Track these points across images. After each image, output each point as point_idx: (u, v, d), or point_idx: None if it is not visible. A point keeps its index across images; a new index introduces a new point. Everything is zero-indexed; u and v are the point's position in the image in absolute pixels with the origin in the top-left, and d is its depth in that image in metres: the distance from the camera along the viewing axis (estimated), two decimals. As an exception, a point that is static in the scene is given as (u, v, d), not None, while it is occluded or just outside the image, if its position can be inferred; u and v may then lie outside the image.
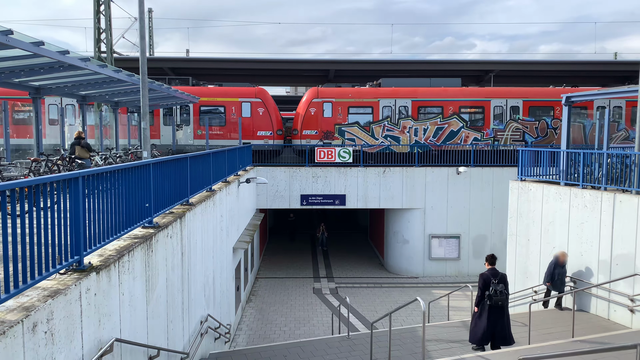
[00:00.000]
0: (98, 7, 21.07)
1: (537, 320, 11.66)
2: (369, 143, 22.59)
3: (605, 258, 11.74)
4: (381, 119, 22.66)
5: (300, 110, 23.00)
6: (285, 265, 23.80)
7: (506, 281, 8.65)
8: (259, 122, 22.55)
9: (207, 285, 10.97)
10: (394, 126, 22.72)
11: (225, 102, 22.53)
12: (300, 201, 21.78)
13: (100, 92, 14.53)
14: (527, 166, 14.93)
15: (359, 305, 18.13)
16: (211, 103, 22.55)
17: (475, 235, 22.13)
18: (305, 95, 23.47)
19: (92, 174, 5.31)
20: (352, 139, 22.64)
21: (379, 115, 22.67)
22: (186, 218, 8.87)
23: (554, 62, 31.85)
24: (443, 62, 31.59)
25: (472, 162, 22.01)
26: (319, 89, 23.06)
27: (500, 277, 8.62)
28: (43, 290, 4.37)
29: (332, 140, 22.58)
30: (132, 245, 6.23)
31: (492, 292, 8.46)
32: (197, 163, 10.41)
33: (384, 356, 10.13)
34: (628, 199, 11.13)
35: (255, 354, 11.14)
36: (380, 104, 22.65)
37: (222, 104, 22.54)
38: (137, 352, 6.32)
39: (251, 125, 22.52)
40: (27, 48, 7.73)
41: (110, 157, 13.96)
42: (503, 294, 8.41)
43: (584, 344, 8.99)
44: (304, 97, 23.35)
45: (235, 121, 22.39)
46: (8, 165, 10.16)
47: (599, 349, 5.52)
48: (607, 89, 14.79)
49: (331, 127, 22.62)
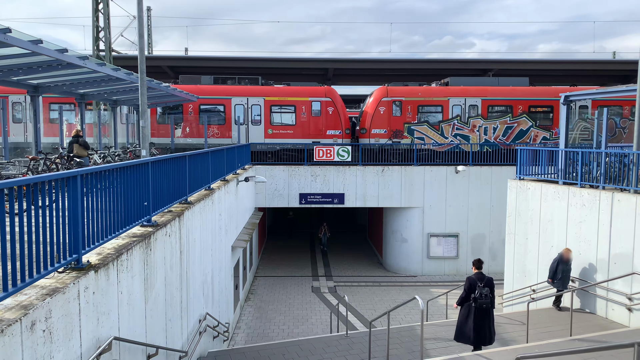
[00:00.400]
0: (97, 6, 21.02)
1: (535, 319, 11.69)
2: (438, 142, 22.69)
3: (604, 257, 11.76)
4: (451, 117, 22.78)
5: (368, 109, 22.97)
6: (283, 264, 23.81)
7: (492, 285, 8.83)
8: (329, 121, 22.72)
9: (205, 283, 10.98)
10: (463, 125, 22.86)
11: (296, 101, 22.68)
12: (299, 200, 21.78)
13: (98, 90, 14.51)
14: (525, 165, 14.94)
15: (358, 304, 18.16)
16: (281, 102, 22.74)
17: (473, 234, 22.16)
18: (373, 94, 23.42)
19: (90, 172, 5.30)
20: (422, 137, 22.75)
21: (449, 114, 22.78)
22: (185, 217, 8.87)
23: (553, 61, 31.87)
24: (441, 60, 31.59)
25: (470, 161, 22.02)
26: (387, 87, 23.08)
27: (486, 280, 8.82)
28: (41, 288, 4.37)
29: (401, 140, 22.63)
30: (131, 243, 6.23)
31: (477, 295, 8.67)
32: (195, 162, 10.40)
33: (382, 355, 10.14)
34: (626, 198, 11.16)
35: (254, 353, 11.15)
36: (450, 103, 22.75)
37: (293, 103, 22.69)
38: (136, 350, 6.32)
39: (321, 125, 22.74)
40: (25, 46, 7.72)
41: (108, 155, 13.94)
42: (488, 297, 8.64)
43: (582, 342, 9.01)
44: (372, 96, 23.31)
45: (305, 120, 22.61)
46: (6, 164, 10.14)
47: (597, 347, 5.54)
48: (607, 89, 14.80)
49: (400, 126, 22.66)
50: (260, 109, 22.60)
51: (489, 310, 8.79)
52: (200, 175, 11.02)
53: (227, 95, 22.59)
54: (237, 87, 23.10)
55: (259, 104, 22.55)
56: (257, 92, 22.73)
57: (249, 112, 22.58)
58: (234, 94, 22.60)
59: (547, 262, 13.77)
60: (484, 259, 22.05)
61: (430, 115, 22.84)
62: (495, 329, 10.32)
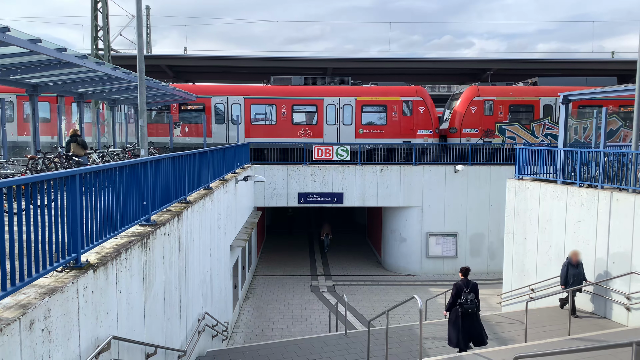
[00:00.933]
0: (95, 5, 20.99)
1: (534, 318, 11.71)
2: (528, 141, 22.76)
3: (602, 256, 11.78)
4: (541, 117, 22.86)
5: (459, 109, 23.01)
6: (282, 263, 23.81)
7: (477, 290, 9.31)
8: (420, 121, 22.75)
9: (204, 283, 10.97)
10: (554, 125, 22.88)
11: (387, 101, 22.72)
12: (298, 199, 21.77)
13: (97, 89, 14.48)
14: (524, 164, 14.96)
15: (357, 303, 18.16)
16: (372, 102, 22.81)
17: (472, 234, 22.18)
18: (463, 94, 23.43)
19: (89, 171, 5.30)
20: (512, 137, 22.82)
21: (539, 114, 22.87)
22: (184, 216, 8.87)
23: (552, 61, 31.90)
24: (440, 60, 31.57)
25: (469, 161, 22.04)
26: (479, 87, 23.18)
27: (472, 286, 9.27)
28: (40, 287, 4.37)
29: (492, 139, 22.71)
30: (130, 243, 6.22)
31: (463, 301, 9.11)
32: (194, 161, 10.40)
33: (381, 354, 10.15)
34: (625, 198, 11.17)
35: (253, 352, 11.15)
36: (541, 103, 22.83)
37: (384, 103, 22.74)
38: (135, 350, 6.32)
39: (412, 124, 22.77)
40: (24, 45, 7.70)
41: (107, 154, 13.92)
42: (473, 302, 9.12)
43: (581, 342, 9.03)
44: (462, 96, 23.33)
45: (396, 120, 22.66)
46: (5, 163, 10.13)
47: (596, 346, 5.55)
48: (606, 88, 14.82)
49: (492, 126, 22.73)
50: (352, 109, 22.73)
51: (475, 314, 9.22)
52: (200, 174, 11.01)
53: (319, 95, 22.74)
54: (329, 87, 23.25)
55: (350, 104, 22.69)
56: (349, 92, 22.90)
57: (340, 112, 22.70)
58: (325, 95, 22.75)
59: (545, 261, 13.79)
60: (482, 258, 22.37)
61: (521, 114, 22.99)
62: (495, 329, 10.33)
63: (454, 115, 23.32)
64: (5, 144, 11.22)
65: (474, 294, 9.18)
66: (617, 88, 14.33)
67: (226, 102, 22.28)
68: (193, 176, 10.30)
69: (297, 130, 22.54)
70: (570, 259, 11.60)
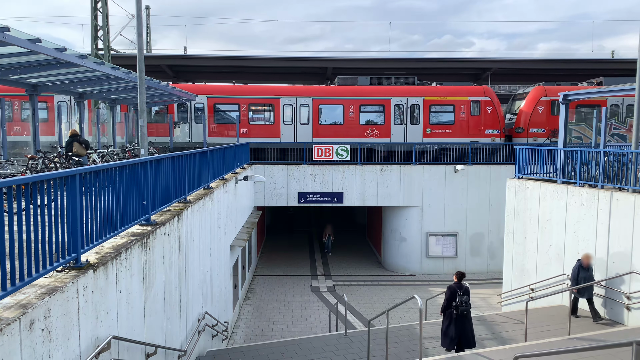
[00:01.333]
0: (95, 4, 20.99)
1: (534, 318, 11.71)
2: None
3: (602, 256, 11.78)
4: (608, 117, 22.83)
5: (525, 109, 23.04)
6: (282, 263, 23.81)
7: (469, 293, 9.65)
8: (487, 121, 22.78)
9: (204, 282, 10.98)
10: (620, 124, 22.97)
11: (455, 100, 22.76)
12: (298, 199, 21.77)
13: (97, 89, 14.48)
14: (524, 164, 14.97)
15: (357, 303, 18.16)
16: (440, 102, 22.84)
17: (472, 233, 22.17)
18: (530, 94, 23.47)
19: (89, 171, 5.30)
20: (579, 137, 22.81)
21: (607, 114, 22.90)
22: (184, 216, 8.87)
23: (552, 60, 31.88)
24: (440, 59, 31.56)
25: (469, 160, 22.04)
26: (545, 87, 23.18)
27: (465, 289, 9.59)
28: (40, 287, 4.37)
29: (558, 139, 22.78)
30: (130, 242, 6.22)
31: (458, 303, 9.39)
32: (194, 161, 10.40)
33: (381, 354, 10.16)
34: (625, 197, 11.17)
35: (253, 352, 11.15)
36: (608, 103, 22.81)
37: (452, 103, 22.78)
38: (135, 349, 6.32)
39: (479, 124, 22.83)
40: (24, 45, 7.70)
41: (107, 154, 13.92)
42: (467, 304, 9.43)
43: (581, 341, 9.03)
44: (528, 96, 23.36)
45: (464, 119, 22.70)
46: (5, 163, 10.12)
47: (595, 346, 5.55)
48: (605, 88, 14.82)
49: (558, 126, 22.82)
50: (419, 108, 22.80)
51: (468, 315, 9.51)
52: (200, 174, 11.01)
53: (387, 95, 22.82)
54: (397, 87, 23.29)
55: (418, 103, 22.75)
56: (416, 92, 22.97)
57: (407, 112, 22.78)
58: (393, 94, 22.82)
59: (545, 261, 13.80)
60: (482, 258, 22.38)
61: (587, 114, 22.96)
62: (494, 328, 10.33)
63: (519, 115, 23.36)
64: (5, 144, 11.22)
65: (467, 297, 9.49)
66: (617, 88, 14.33)
67: (295, 102, 22.49)
68: (193, 176, 10.30)
69: (365, 131, 22.71)
70: (581, 261, 11.36)
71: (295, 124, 22.37)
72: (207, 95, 22.49)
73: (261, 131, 22.55)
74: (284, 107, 22.45)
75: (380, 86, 23.34)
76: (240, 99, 22.49)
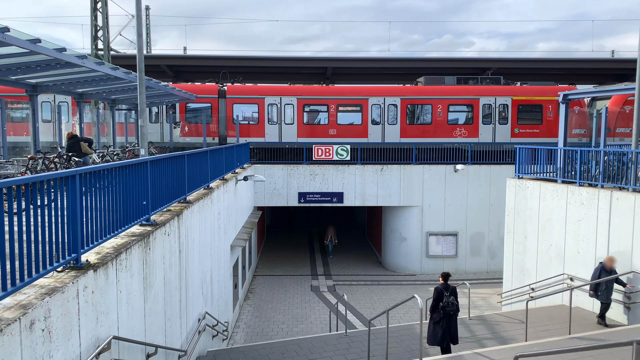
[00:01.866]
0: (95, 5, 20.98)
1: (534, 318, 11.71)
2: None
3: (602, 255, 11.78)
4: None
5: (613, 108, 22.87)
6: (283, 263, 23.81)
7: (456, 294, 9.94)
8: (575, 120, 22.80)
9: (204, 282, 10.98)
10: None
11: (543, 100, 22.86)
12: (298, 199, 21.76)
13: (97, 89, 14.47)
14: (524, 164, 14.96)
15: (357, 303, 18.16)
16: (528, 102, 22.97)
17: (472, 233, 22.17)
18: None
19: (89, 171, 5.30)
20: None
21: None
22: (184, 216, 8.87)
23: (552, 60, 31.88)
24: (440, 59, 31.57)
25: (469, 160, 22.03)
26: None
27: (451, 290, 9.87)
28: (40, 288, 4.37)
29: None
30: (130, 243, 6.22)
31: (445, 304, 9.65)
32: (194, 161, 10.40)
33: (381, 353, 10.16)
34: (625, 197, 11.18)
35: (253, 352, 11.16)
36: None
37: (540, 103, 22.89)
38: (135, 349, 6.32)
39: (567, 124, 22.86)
40: (23, 45, 7.69)
41: (107, 154, 13.92)
42: (454, 305, 9.68)
43: (581, 341, 9.03)
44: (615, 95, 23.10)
45: (552, 119, 22.71)
46: (5, 163, 10.12)
47: (596, 345, 5.55)
48: (605, 87, 14.82)
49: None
50: (508, 108, 22.95)
51: (454, 315, 9.77)
52: (200, 174, 11.01)
53: (475, 95, 22.97)
54: (485, 87, 23.45)
55: (506, 103, 22.91)
56: (504, 91, 23.11)
57: (496, 111, 22.95)
58: (480, 94, 22.97)
59: (546, 260, 13.80)
60: (482, 257, 22.38)
61: None
62: (495, 328, 10.34)
63: None
64: (5, 144, 11.22)
65: (453, 297, 9.74)
66: (617, 87, 14.32)
67: (383, 102, 22.70)
68: (193, 176, 10.30)
69: (453, 130, 22.86)
70: (604, 264, 10.78)
71: (383, 125, 22.70)
72: None
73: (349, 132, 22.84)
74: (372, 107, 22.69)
75: (468, 86, 23.54)
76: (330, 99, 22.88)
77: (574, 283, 12.48)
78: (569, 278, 12.76)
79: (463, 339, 10.98)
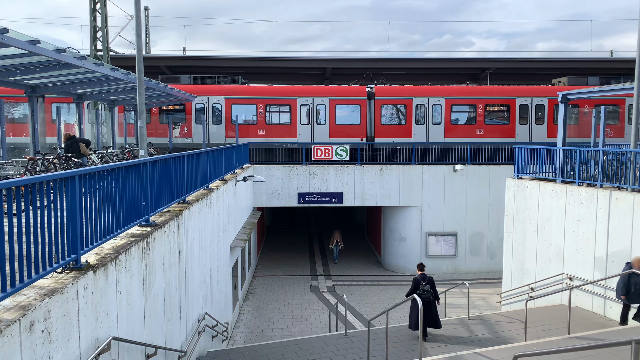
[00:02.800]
0: (94, 5, 20.99)
1: (533, 317, 11.72)
2: None
3: (601, 255, 11.80)
4: None
5: None
6: (282, 263, 23.81)
7: (433, 283, 11.05)
8: None
9: (204, 283, 10.98)
10: None
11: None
12: (298, 199, 21.77)
13: (96, 90, 14.48)
14: (523, 164, 14.98)
15: (356, 303, 18.17)
16: None
17: (472, 233, 22.19)
18: None
19: (88, 172, 5.30)
20: None
21: None
22: (183, 216, 8.87)
23: (551, 60, 31.93)
24: (439, 59, 31.60)
25: (468, 160, 22.05)
26: None
27: (428, 280, 11.01)
28: (40, 289, 4.37)
29: None
30: (129, 243, 6.22)
31: (421, 292, 10.71)
32: (193, 161, 10.40)
33: (381, 353, 10.16)
34: (624, 196, 11.19)
35: (253, 352, 11.16)
36: None
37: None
38: (135, 350, 6.32)
39: None
40: (23, 46, 7.69)
41: (106, 155, 13.92)
42: (430, 293, 10.85)
43: (580, 340, 9.04)
44: None
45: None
46: (4, 164, 10.12)
47: (595, 345, 5.56)
48: (605, 87, 14.84)
49: None
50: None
51: (431, 302, 10.87)
52: (199, 175, 11.01)
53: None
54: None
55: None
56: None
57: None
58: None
59: (545, 260, 13.82)
60: (482, 257, 22.39)
61: None
62: (494, 328, 10.32)
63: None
64: (5, 145, 11.22)
65: (429, 286, 10.87)
66: (616, 87, 14.35)
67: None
68: (192, 177, 10.31)
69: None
70: (632, 265, 10.06)
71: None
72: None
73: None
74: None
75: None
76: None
77: (573, 283, 12.49)
78: (569, 278, 12.78)
79: (463, 339, 11.00)
